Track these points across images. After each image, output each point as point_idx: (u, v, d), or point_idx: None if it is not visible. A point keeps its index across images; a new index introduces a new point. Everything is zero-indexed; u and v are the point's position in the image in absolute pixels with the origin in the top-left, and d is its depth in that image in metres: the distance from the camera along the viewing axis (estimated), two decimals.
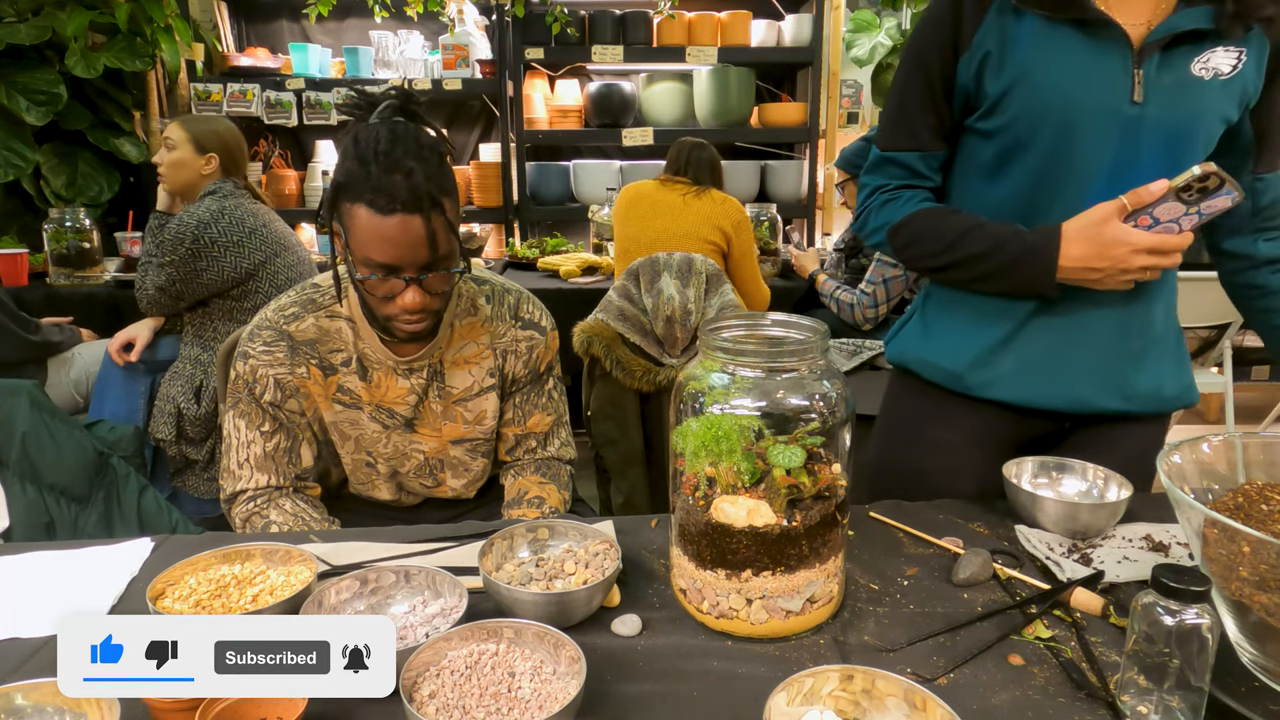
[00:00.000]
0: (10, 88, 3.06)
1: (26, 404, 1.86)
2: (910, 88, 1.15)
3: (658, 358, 2.17)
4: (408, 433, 1.33)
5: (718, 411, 0.85)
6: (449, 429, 1.34)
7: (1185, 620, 0.66)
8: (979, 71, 1.09)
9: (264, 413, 1.27)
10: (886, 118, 1.20)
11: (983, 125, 1.12)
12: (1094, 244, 1.03)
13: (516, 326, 1.35)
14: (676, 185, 2.59)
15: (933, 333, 1.24)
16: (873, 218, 1.21)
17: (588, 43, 3.60)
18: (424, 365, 1.30)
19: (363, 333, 1.27)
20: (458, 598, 0.85)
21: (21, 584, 0.97)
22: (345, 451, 1.34)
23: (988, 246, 1.11)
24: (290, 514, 1.25)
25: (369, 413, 1.30)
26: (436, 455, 1.36)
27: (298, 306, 1.28)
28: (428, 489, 1.40)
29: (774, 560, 0.83)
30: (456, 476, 1.39)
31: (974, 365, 1.18)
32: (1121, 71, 1.04)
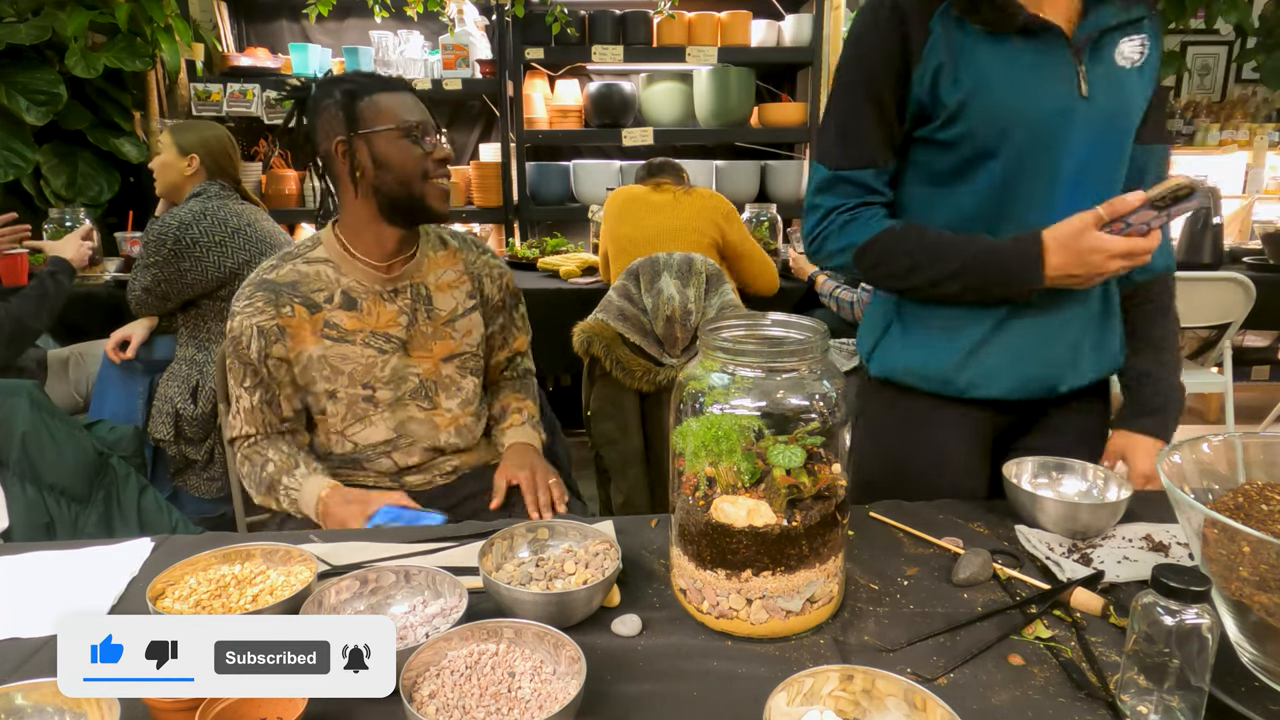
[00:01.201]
0: (10, 88, 3.06)
1: (26, 404, 1.86)
2: (858, 104, 1.13)
3: (658, 358, 2.17)
4: (404, 356, 1.43)
5: (718, 411, 0.85)
6: (440, 347, 1.47)
7: (1185, 620, 0.66)
8: (933, 83, 1.08)
9: (246, 367, 1.38)
10: (833, 137, 1.17)
11: (942, 135, 1.11)
12: (1073, 253, 1.07)
13: (484, 255, 1.55)
14: (666, 186, 2.62)
15: (915, 341, 1.22)
16: (832, 239, 1.18)
17: (588, 43, 3.60)
18: (406, 286, 1.43)
19: (344, 268, 1.40)
20: (458, 598, 0.85)
21: (21, 584, 0.97)
22: (340, 387, 1.40)
23: (963, 262, 1.11)
24: (285, 453, 1.39)
25: (362, 340, 1.40)
26: (430, 376, 1.46)
27: (276, 260, 1.42)
28: (425, 412, 1.46)
29: (774, 560, 0.83)
30: (450, 397, 1.49)
31: (962, 367, 1.19)
32: (1067, 69, 1.10)
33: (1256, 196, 4.50)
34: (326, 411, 1.43)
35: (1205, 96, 4.89)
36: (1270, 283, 2.93)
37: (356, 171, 1.34)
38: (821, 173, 1.18)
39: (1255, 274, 2.94)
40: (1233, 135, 4.54)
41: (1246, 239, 4.00)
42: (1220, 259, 3.21)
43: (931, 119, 1.11)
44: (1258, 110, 4.84)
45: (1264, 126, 4.52)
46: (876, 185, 1.16)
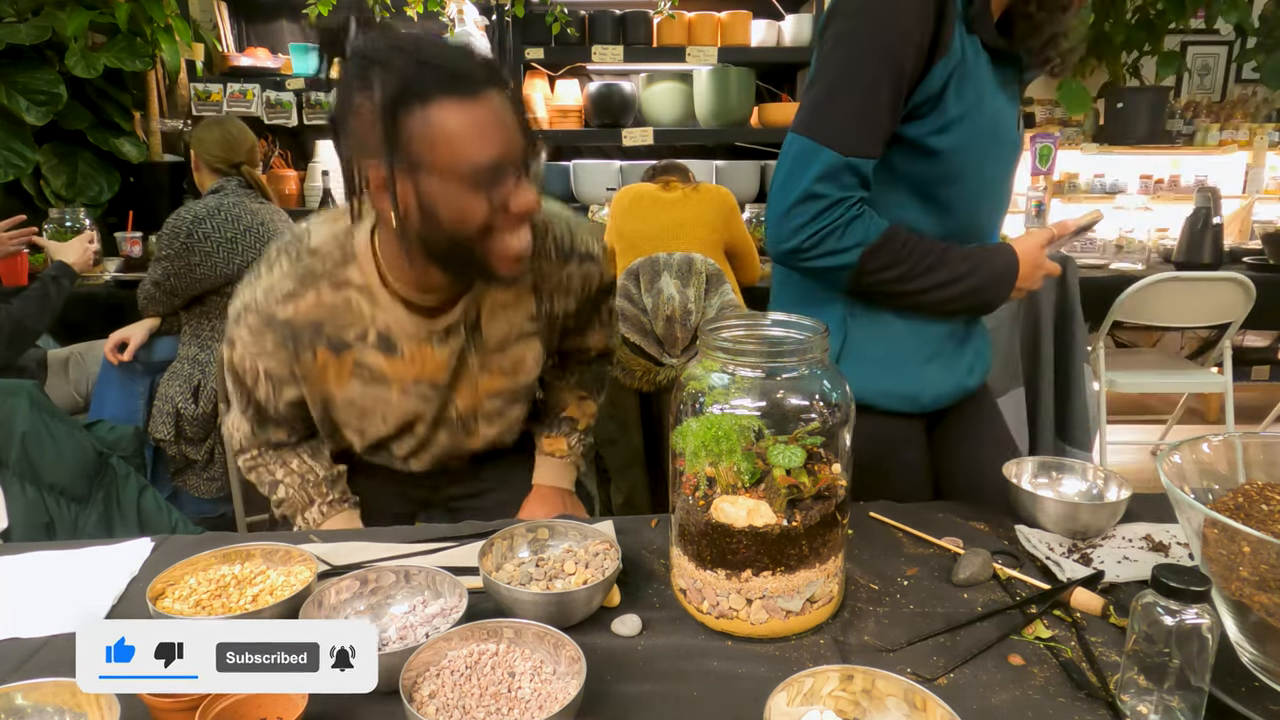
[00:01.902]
0: (10, 88, 3.06)
1: (26, 404, 1.86)
2: (880, 85, 1.00)
3: (658, 358, 2.17)
4: (445, 391, 1.19)
5: (718, 411, 0.85)
6: (486, 381, 1.20)
7: (1185, 620, 0.66)
8: (947, 81, 1.03)
9: (248, 399, 1.18)
10: (851, 117, 1.03)
11: (932, 141, 1.05)
12: (1031, 266, 1.13)
13: (567, 264, 1.18)
14: (674, 184, 2.64)
15: (873, 362, 1.15)
16: (837, 236, 1.05)
17: (588, 43, 3.60)
18: (459, 324, 1.13)
19: (382, 301, 1.08)
20: (458, 598, 0.85)
21: (21, 584, 0.97)
22: (370, 426, 1.20)
23: (969, 266, 1.10)
24: (296, 473, 1.22)
25: (401, 389, 1.15)
26: (470, 410, 1.23)
27: (293, 281, 1.08)
28: (459, 441, 1.26)
29: (774, 560, 0.83)
30: (490, 425, 1.27)
31: (924, 382, 1.18)
32: (1014, 106, 1.15)
33: (1256, 196, 4.49)
34: (347, 437, 1.24)
35: (1205, 96, 4.89)
36: (1270, 283, 2.93)
37: (397, 208, 0.96)
38: (828, 157, 1.02)
39: (1255, 274, 2.94)
40: (1233, 135, 4.53)
41: (1246, 239, 4.00)
42: (1220, 259, 3.21)
43: (927, 119, 1.05)
44: (1258, 110, 4.83)
45: (1264, 126, 4.52)
46: (871, 180, 1.07)
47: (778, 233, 1.08)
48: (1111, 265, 3.34)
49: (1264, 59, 4.22)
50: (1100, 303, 2.84)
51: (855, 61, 1.02)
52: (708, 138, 3.81)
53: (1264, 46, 4.20)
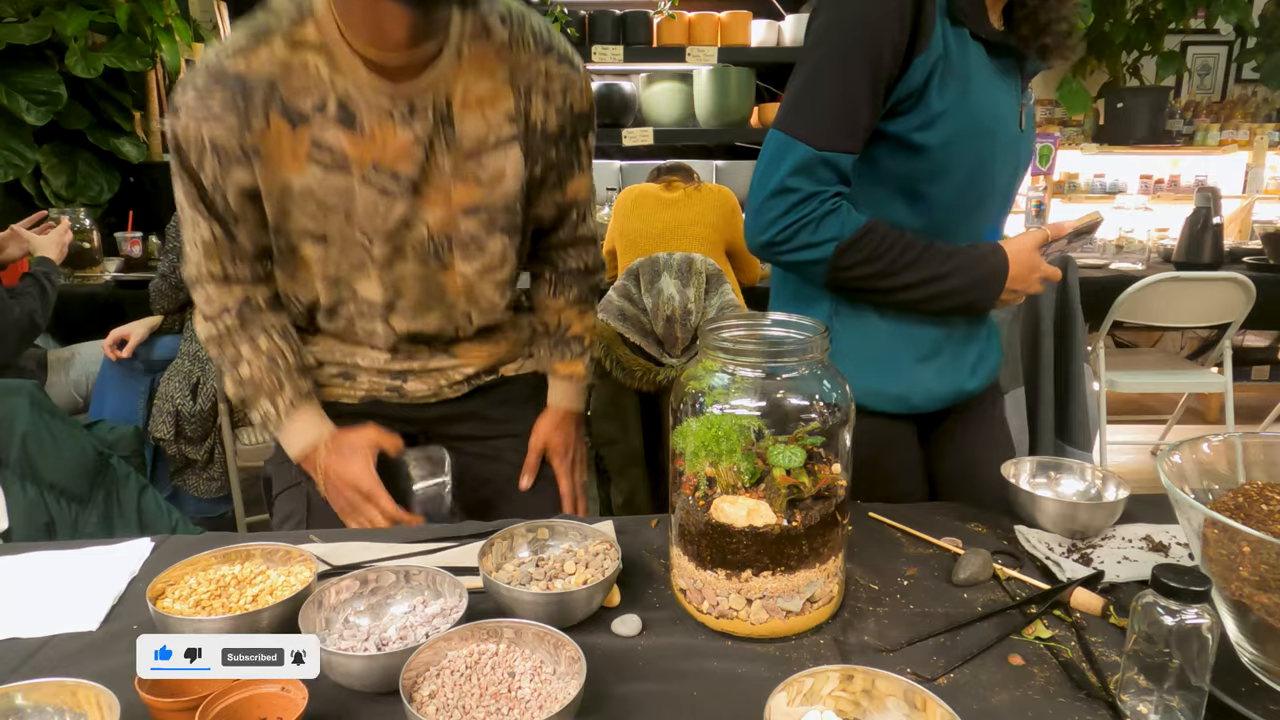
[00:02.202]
0: (10, 88, 3.06)
1: (26, 404, 1.86)
2: (859, 79, 1.00)
3: (658, 358, 2.17)
4: (412, 198, 1.08)
5: (718, 411, 0.85)
6: (460, 192, 1.10)
7: (1185, 620, 0.66)
8: (929, 76, 1.01)
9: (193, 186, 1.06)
10: (826, 111, 1.03)
11: (916, 137, 1.04)
12: (1023, 268, 1.10)
13: (547, 57, 1.09)
14: (676, 184, 2.64)
15: (860, 361, 1.13)
16: (810, 230, 1.05)
17: (588, 43, 3.60)
18: (427, 104, 1.04)
19: (342, 63, 1.00)
20: (458, 598, 0.85)
21: (21, 584, 0.97)
22: (333, 229, 1.09)
23: (950, 267, 1.07)
24: (265, 353, 1.15)
25: (362, 176, 1.05)
26: (444, 229, 1.12)
27: (246, 37, 1.00)
28: (431, 273, 1.15)
29: (774, 560, 0.83)
30: (467, 258, 1.15)
31: (914, 383, 1.17)
32: (1014, 100, 1.11)
33: (1256, 196, 4.50)
34: (303, 253, 1.12)
35: (1205, 96, 4.90)
36: (1270, 283, 2.94)
37: None
38: (802, 152, 1.03)
39: (1255, 274, 2.94)
40: (1233, 135, 4.54)
41: (1246, 239, 4.01)
42: (1220, 259, 3.22)
43: (909, 114, 1.04)
44: (1258, 110, 4.84)
45: (1264, 126, 4.53)
46: (850, 175, 1.06)
47: (754, 225, 1.09)
48: (1111, 265, 3.34)
49: (1264, 59, 4.22)
50: (1100, 303, 2.84)
51: (832, 57, 1.02)
52: (708, 138, 3.81)
53: (1264, 46, 4.21)
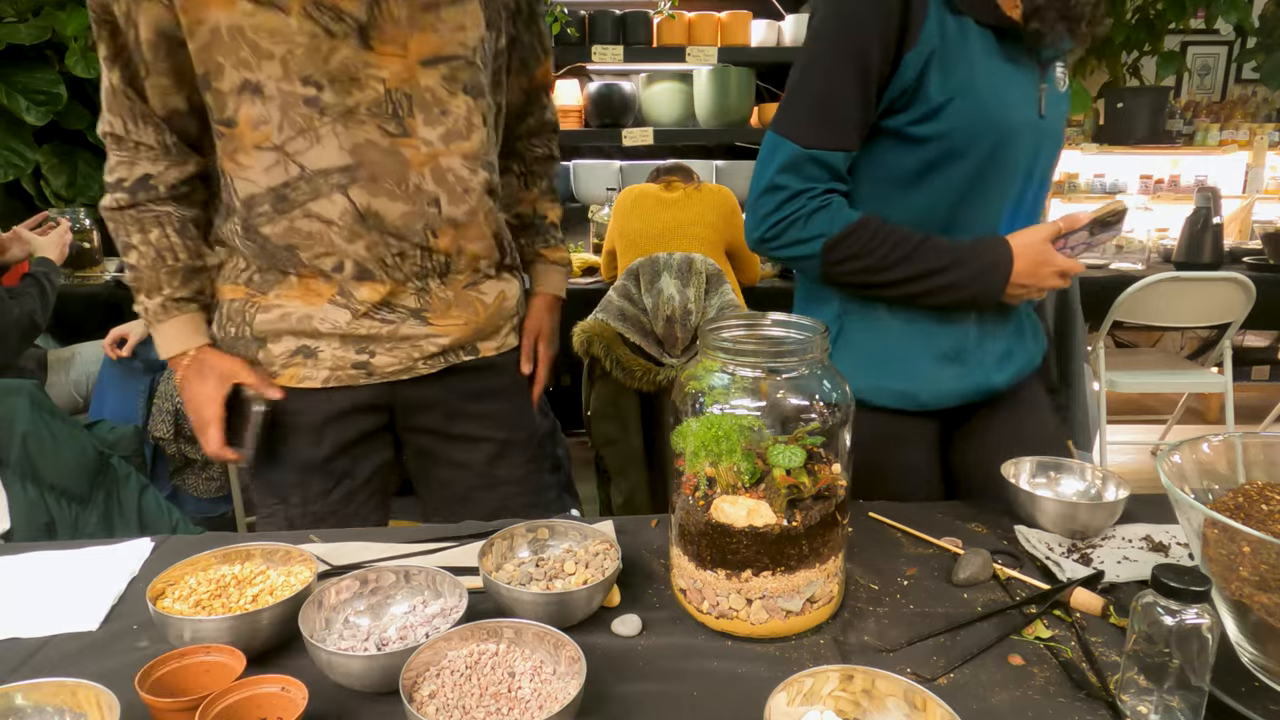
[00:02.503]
0: (10, 88, 3.07)
1: (26, 404, 1.86)
2: (844, 78, 1.02)
3: (658, 358, 2.17)
4: (361, 50, 1.02)
5: (718, 411, 0.85)
6: (418, 42, 1.04)
7: (1185, 620, 0.66)
8: (923, 71, 1.02)
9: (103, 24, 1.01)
10: (810, 111, 1.05)
11: (917, 130, 1.04)
12: (1031, 262, 1.08)
13: None
14: (676, 184, 2.64)
15: (870, 356, 1.15)
16: (798, 227, 1.07)
17: (588, 43, 3.60)
18: None
19: None
20: (458, 598, 0.85)
21: (21, 584, 0.97)
22: (268, 79, 1.01)
23: (946, 261, 1.07)
24: (153, 246, 1.10)
25: (301, 9, 0.99)
26: (402, 85, 1.05)
27: None
28: (391, 138, 1.07)
29: (774, 560, 0.83)
30: (431, 123, 1.08)
31: (922, 379, 1.16)
32: (1032, 86, 1.10)
33: (1256, 196, 4.50)
34: (239, 119, 1.03)
35: (1205, 96, 4.90)
36: (1270, 283, 2.94)
37: None
38: (789, 150, 1.06)
39: (1255, 274, 2.94)
40: (1233, 135, 4.54)
41: (1246, 239, 4.01)
42: (1220, 259, 3.22)
43: (907, 109, 1.04)
44: (1258, 110, 4.84)
45: (1264, 126, 4.53)
46: (843, 171, 1.08)
47: (749, 222, 1.12)
48: (1111, 265, 3.34)
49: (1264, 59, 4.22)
50: (1100, 303, 2.84)
51: (819, 56, 1.04)
52: (708, 138, 3.81)
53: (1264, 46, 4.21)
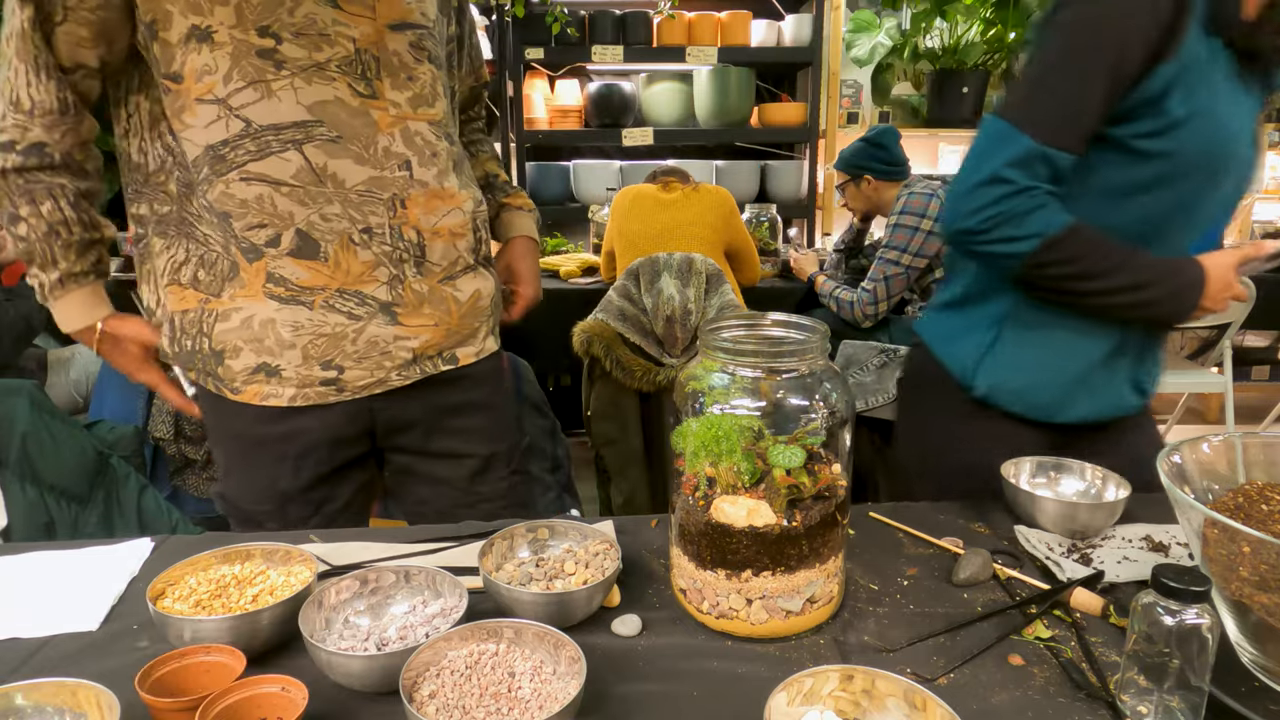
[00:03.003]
0: None
1: (26, 404, 1.86)
2: (1095, 81, 0.96)
3: (658, 358, 2.17)
4: (328, 5, 1.02)
5: (718, 411, 0.85)
6: (385, 5, 1.05)
7: (1185, 620, 0.66)
8: (1169, 86, 0.98)
9: None
10: (1056, 106, 1.00)
11: (1144, 144, 1.01)
12: (1219, 285, 1.07)
13: None
14: (674, 185, 2.64)
15: (1024, 364, 1.16)
16: (1015, 223, 1.02)
17: (588, 43, 3.60)
18: None
19: None
20: (458, 598, 0.85)
21: (21, 584, 0.97)
22: (220, 24, 0.97)
23: (1149, 277, 1.05)
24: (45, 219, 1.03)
25: None
26: (370, 47, 1.05)
27: None
28: (360, 99, 1.05)
29: (774, 560, 0.83)
30: (398, 87, 1.07)
31: (1063, 395, 1.16)
32: (1253, 118, 1.07)
33: (1257, 196, 4.50)
34: (185, 72, 0.99)
35: None
36: (1270, 283, 2.93)
37: None
38: (1024, 144, 1.00)
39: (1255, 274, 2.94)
40: None
41: (1246, 239, 4.01)
42: None
43: (1138, 121, 1.00)
44: None
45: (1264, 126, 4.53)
46: (1068, 175, 1.03)
47: (954, 211, 1.06)
48: None
49: None
50: None
51: (1074, 52, 0.99)
52: (708, 138, 3.81)
53: None
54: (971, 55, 3.90)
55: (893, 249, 2.53)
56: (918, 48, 4.03)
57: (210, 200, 1.06)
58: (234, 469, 1.21)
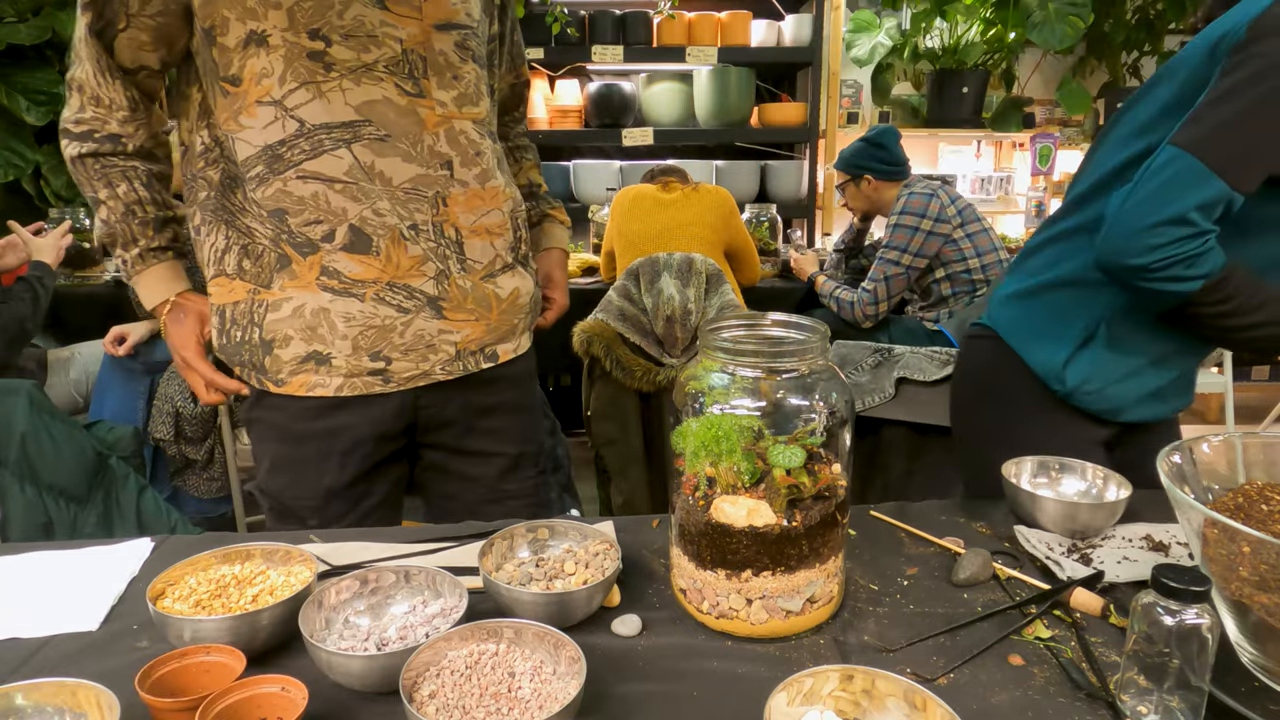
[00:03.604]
0: (10, 88, 3.06)
1: (26, 404, 1.86)
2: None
3: (658, 358, 2.17)
4: (376, 7, 1.04)
5: (718, 411, 0.85)
6: (432, 5, 1.08)
7: (1185, 620, 0.66)
8: None
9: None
10: (1253, 154, 0.98)
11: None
12: None
13: None
14: (674, 185, 2.64)
15: (1114, 368, 1.17)
16: (1188, 265, 1.01)
17: (588, 43, 3.60)
18: None
19: None
20: (458, 598, 0.85)
21: (21, 584, 0.97)
22: (274, 28, 1.00)
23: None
24: (122, 200, 1.11)
25: None
26: (417, 47, 1.08)
27: None
28: (408, 97, 1.08)
29: (774, 560, 0.83)
30: (444, 86, 1.10)
31: (1140, 399, 1.20)
32: None
33: None
34: (244, 75, 1.02)
35: None
36: None
37: None
38: (1218, 189, 0.97)
39: None
40: None
41: None
42: None
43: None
44: None
45: None
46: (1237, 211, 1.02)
47: (1128, 246, 1.03)
48: None
49: None
50: None
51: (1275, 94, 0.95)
52: (708, 138, 3.81)
53: None
54: (971, 55, 3.90)
55: (893, 249, 2.53)
56: (918, 48, 4.03)
57: (262, 197, 1.09)
58: (279, 465, 1.22)
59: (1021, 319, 1.24)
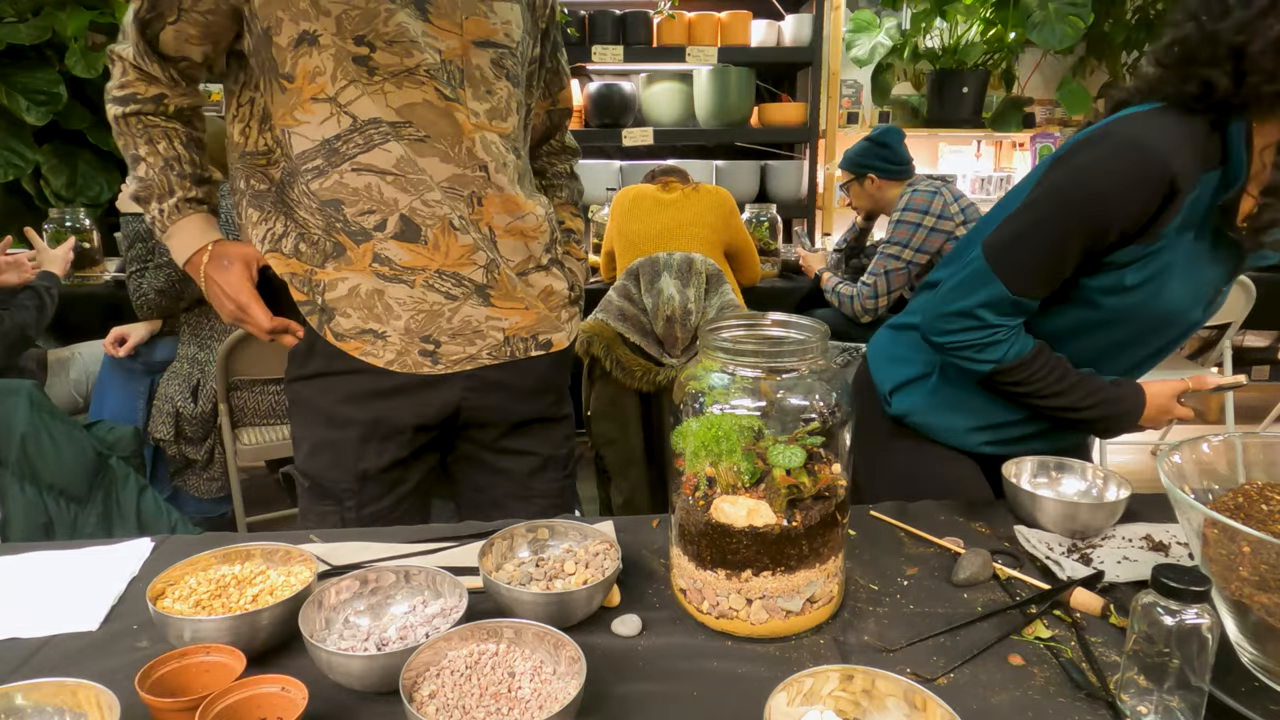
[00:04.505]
0: (10, 88, 3.06)
1: (26, 404, 1.86)
2: (1071, 246, 1.05)
3: (658, 358, 2.17)
4: (419, 19, 1.08)
5: (718, 411, 0.85)
6: (472, 24, 1.12)
7: (1185, 620, 0.66)
8: (1132, 259, 1.05)
9: None
10: (1032, 264, 1.08)
11: (1098, 297, 1.10)
12: (1157, 410, 1.18)
13: None
14: (674, 185, 2.64)
15: (942, 404, 1.27)
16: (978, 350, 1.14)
17: (588, 43, 3.60)
18: None
19: None
20: (458, 598, 0.85)
21: (21, 584, 0.97)
22: (325, 30, 1.05)
23: (1092, 401, 1.15)
24: (162, 156, 1.14)
25: None
26: (455, 59, 1.12)
27: None
28: (445, 101, 1.11)
29: (774, 560, 0.83)
30: (478, 98, 1.14)
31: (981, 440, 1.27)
32: (1216, 282, 1.13)
33: None
34: (297, 73, 1.07)
35: None
36: (1270, 283, 2.93)
37: None
38: (998, 290, 1.10)
39: (1255, 274, 2.94)
40: None
41: None
42: None
43: (1098, 276, 1.09)
44: None
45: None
46: (1033, 311, 1.14)
47: (931, 326, 1.18)
48: None
49: None
50: None
51: (1059, 220, 1.06)
52: (708, 138, 3.81)
53: None
54: (971, 55, 3.90)
55: (894, 244, 2.53)
56: (918, 48, 4.03)
57: (317, 189, 1.13)
58: (320, 447, 1.25)
59: (885, 345, 1.37)
